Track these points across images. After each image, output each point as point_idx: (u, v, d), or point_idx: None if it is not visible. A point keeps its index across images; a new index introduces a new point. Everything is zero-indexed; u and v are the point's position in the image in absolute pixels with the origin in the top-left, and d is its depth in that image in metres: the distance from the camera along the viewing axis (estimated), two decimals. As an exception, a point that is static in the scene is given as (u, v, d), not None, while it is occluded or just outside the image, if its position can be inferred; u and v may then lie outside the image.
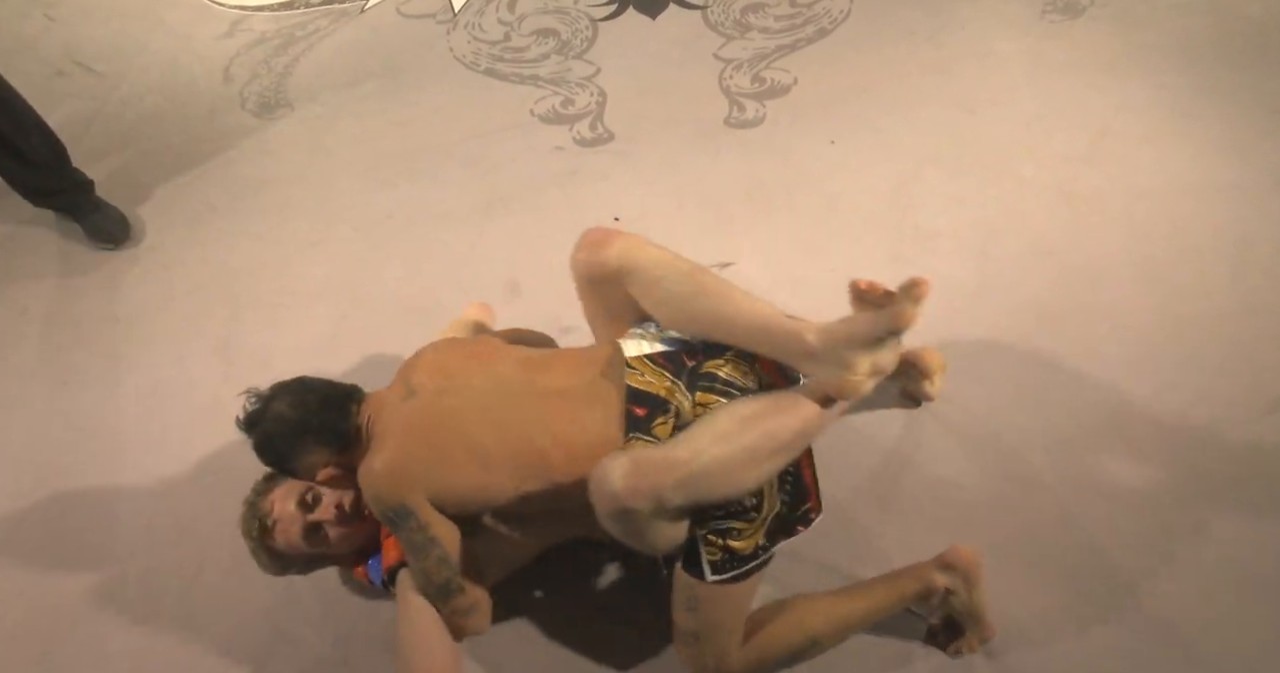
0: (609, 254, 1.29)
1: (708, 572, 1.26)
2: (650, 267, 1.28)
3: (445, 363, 1.38)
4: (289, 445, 1.34)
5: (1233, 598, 1.42)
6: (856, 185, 2.07)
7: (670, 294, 1.27)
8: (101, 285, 2.14)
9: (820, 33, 2.42)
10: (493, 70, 2.50)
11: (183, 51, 2.69)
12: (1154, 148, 2.03)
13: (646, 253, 1.29)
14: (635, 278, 1.28)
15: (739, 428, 1.15)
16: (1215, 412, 1.62)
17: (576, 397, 1.31)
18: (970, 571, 1.37)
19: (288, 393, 1.36)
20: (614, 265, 1.29)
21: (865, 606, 1.38)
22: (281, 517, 1.38)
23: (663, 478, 1.10)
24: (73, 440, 1.87)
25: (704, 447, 1.13)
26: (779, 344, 1.22)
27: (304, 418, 1.33)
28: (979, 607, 1.38)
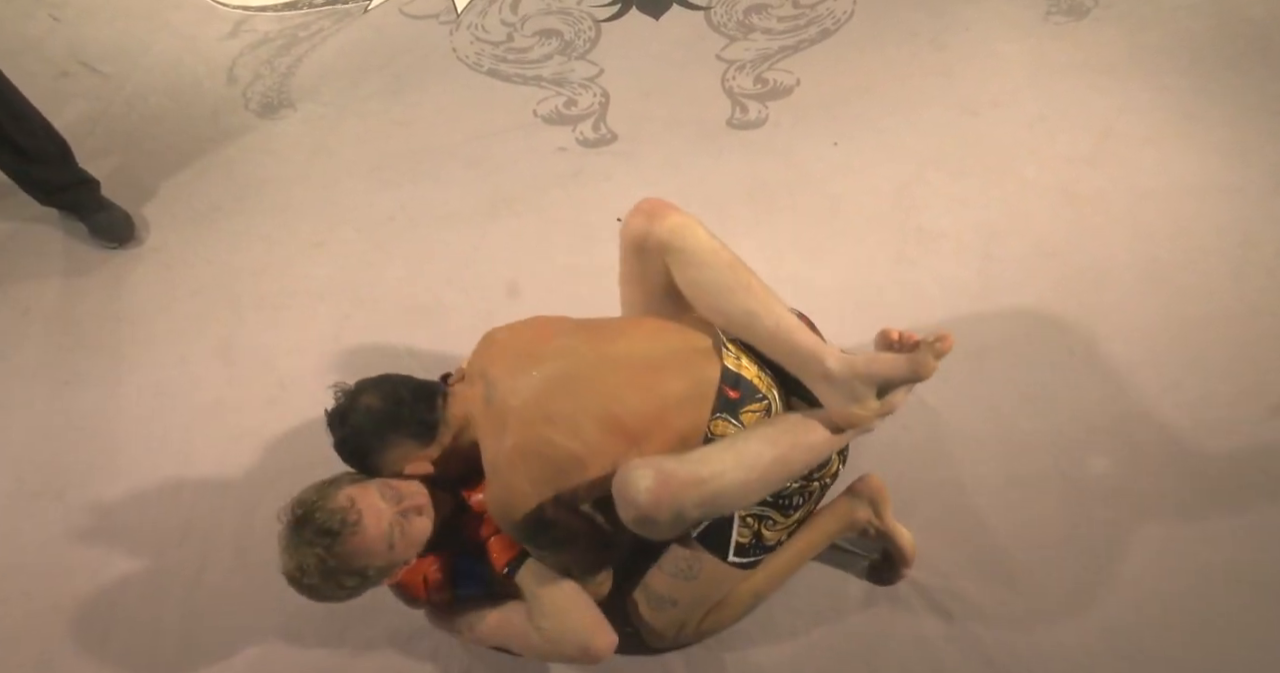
0: (663, 227, 1.29)
1: (731, 552, 1.30)
2: (698, 250, 1.28)
3: (514, 348, 1.35)
4: (380, 438, 1.31)
5: (1236, 600, 1.42)
6: (859, 187, 2.07)
7: (710, 282, 1.27)
8: (104, 285, 2.14)
9: (823, 34, 2.42)
10: (496, 71, 2.50)
11: (187, 52, 2.69)
12: (1157, 149, 2.03)
13: (697, 235, 1.29)
14: (680, 257, 1.29)
15: (759, 453, 1.19)
16: (1219, 414, 1.62)
17: (658, 365, 1.29)
18: (876, 495, 1.45)
19: (376, 387, 1.34)
20: (664, 239, 1.29)
21: (795, 551, 1.44)
22: (367, 509, 1.25)
23: (686, 494, 1.13)
24: (75, 440, 1.87)
25: (726, 468, 1.16)
26: (799, 361, 1.24)
27: (395, 410, 1.30)
28: (891, 531, 1.45)
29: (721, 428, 1.28)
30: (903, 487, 1.59)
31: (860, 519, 1.46)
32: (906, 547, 1.46)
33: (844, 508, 1.47)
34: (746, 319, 1.26)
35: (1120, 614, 1.43)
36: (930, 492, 1.59)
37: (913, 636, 1.44)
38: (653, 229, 1.29)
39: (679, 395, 1.27)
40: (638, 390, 1.26)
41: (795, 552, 1.44)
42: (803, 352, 1.23)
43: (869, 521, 1.46)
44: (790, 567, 1.45)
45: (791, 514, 1.35)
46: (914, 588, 1.49)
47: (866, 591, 1.50)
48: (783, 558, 1.43)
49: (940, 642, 1.43)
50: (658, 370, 1.28)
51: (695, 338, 1.33)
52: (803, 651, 1.45)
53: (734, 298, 1.26)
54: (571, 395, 1.26)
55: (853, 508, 1.46)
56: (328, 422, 1.35)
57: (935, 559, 1.51)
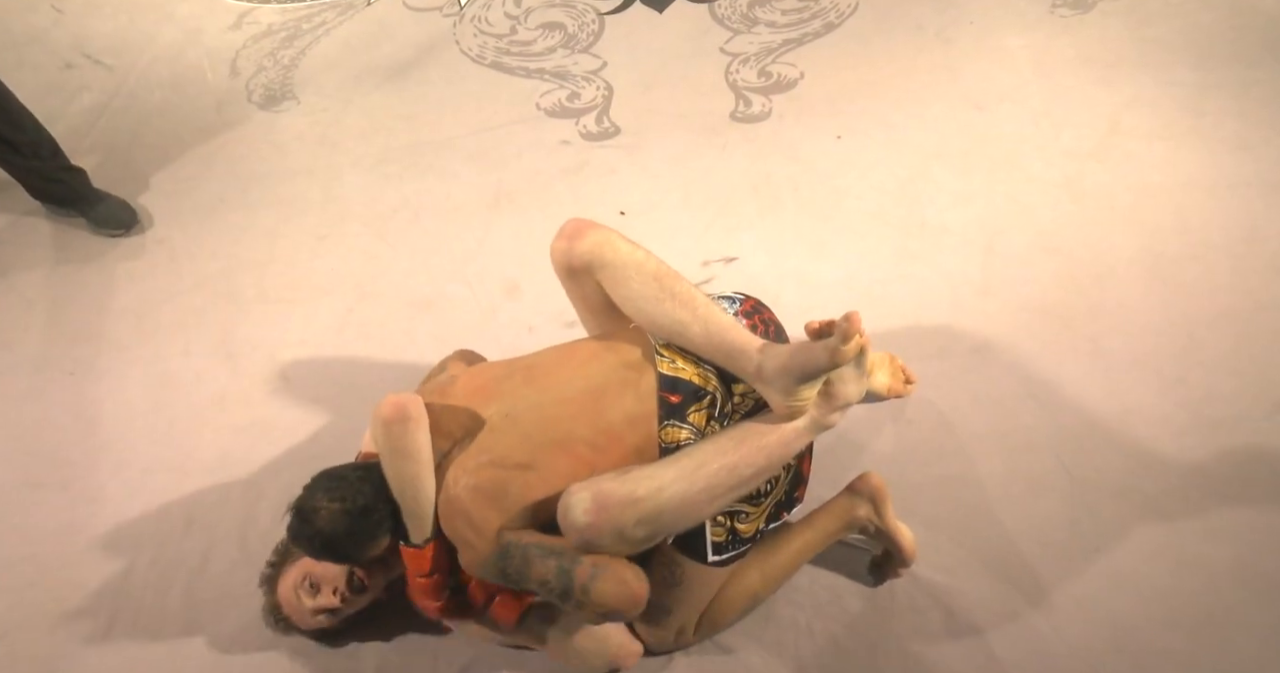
0: (581, 247, 1.30)
1: (709, 553, 1.30)
2: (619, 264, 1.29)
3: (451, 412, 1.32)
4: (361, 542, 1.28)
5: (1241, 597, 1.42)
6: (863, 181, 2.06)
7: (636, 294, 1.28)
8: (108, 277, 2.14)
9: (827, 27, 2.41)
10: (499, 64, 2.50)
11: (190, 44, 2.69)
12: (1163, 144, 2.02)
13: (617, 250, 1.29)
14: (606, 273, 1.30)
15: (701, 464, 1.20)
16: (1223, 410, 1.61)
17: (601, 389, 1.29)
18: (876, 494, 1.43)
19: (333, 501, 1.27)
20: (585, 258, 1.30)
21: (794, 550, 1.44)
22: (290, 608, 1.42)
23: (624, 514, 1.15)
24: (79, 432, 1.88)
25: (666, 483, 1.17)
26: (732, 359, 1.25)
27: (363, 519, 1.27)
28: (891, 530, 1.43)
29: (672, 435, 1.27)
30: (904, 483, 1.58)
31: (860, 518, 1.45)
32: (907, 546, 1.44)
33: (843, 506, 1.46)
34: (677, 328, 1.26)
35: (1124, 611, 1.43)
36: (932, 488, 1.59)
37: (915, 631, 1.44)
38: (573, 249, 1.30)
39: (624, 414, 1.27)
40: (584, 421, 1.27)
41: (793, 552, 1.44)
42: (733, 352, 1.23)
43: (869, 519, 1.44)
44: (789, 568, 1.45)
45: (762, 503, 1.34)
46: (916, 584, 1.49)
47: (868, 586, 1.50)
48: (780, 559, 1.43)
49: (942, 638, 1.43)
50: (598, 396, 1.28)
51: (627, 352, 1.33)
52: (805, 645, 1.45)
53: (661, 308, 1.26)
54: (519, 435, 1.27)
55: (852, 506, 1.45)
56: (295, 535, 1.30)
57: (937, 555, 1.51)
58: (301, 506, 1.28)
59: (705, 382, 1.29)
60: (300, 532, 1.28)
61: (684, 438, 1.27)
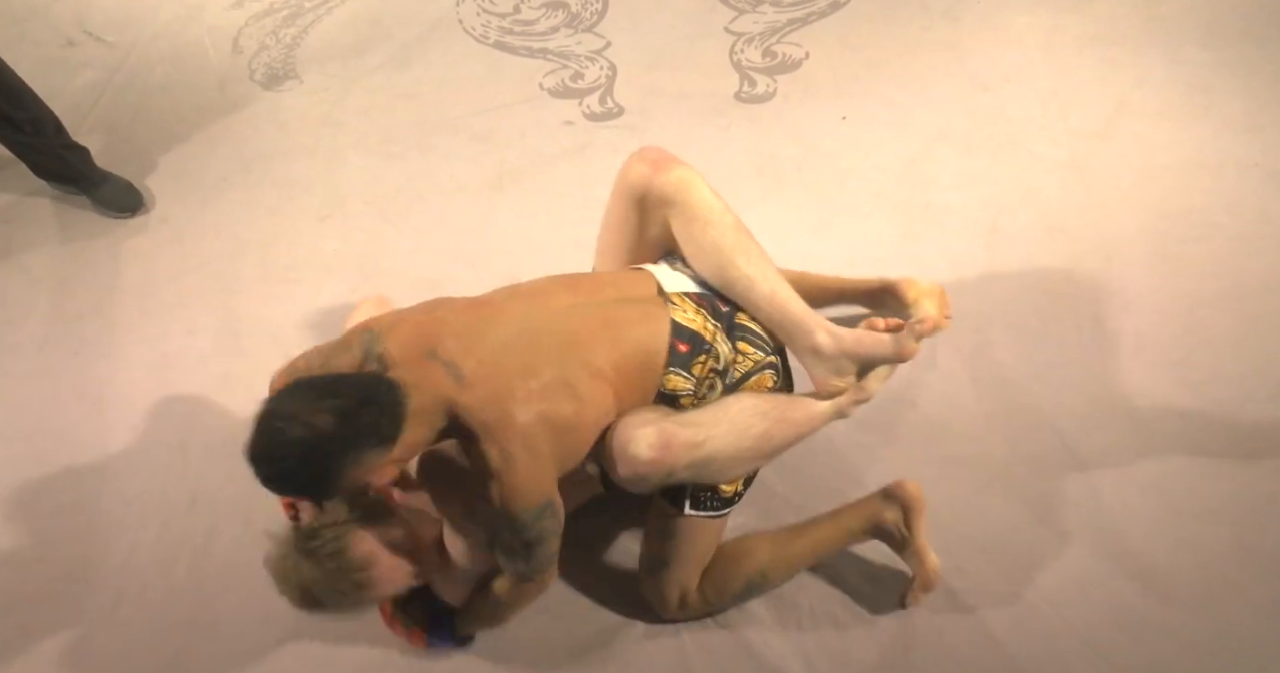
0: (667, 179, 1.26)
1: (687, 504, 1.31)
2: (701, 207, 1.26)
3: (450, 324, 1.21)
4: (338, 459, 1.05)
5: (1242, 576, 1.43)
6: (868, 162, 2.05)
7: (713, 243, 1.26)
8: (112, 256, 2.14)
9: (833, 6, 2.38)
10: (502, 43, 2.48)
11: (193, 21, 2.67)
12: (1171, 123, 2.00)
13: (702, 192, 1.27)
14: (684, 212, 1.26)
15: (750, 423, 1.21)
16: (1227, 391, 1.61)
17: (616, 320, 1.24)
18: (911, 503, 1.38)
19: (313, 400, 1.04)
20: (667, 192, 1.26)
21: (813, 539, 1.42)
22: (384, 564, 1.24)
23: (681, 456, 1.17)
24: (85, 411, 1.88)
25: (719, 434, 1.19)
26: (790, 331, 1.26)
27: (348, 424, 1.04)
28: (918, 545, 1.39)
29: (674, 382, 1.26)
30: (907, 463, 1.59)
31: (886, 521, 1.39)
32: (930, 568, 1.38)
33: (872, 507, 1.40)
34: (746, 284, 1.26)
35: (1124, 589, 1.44)
36: (935, 467, 1.59)
37: (915, 610, 1.45)
38: (655, 180, 1.26)
39: (637, 349, 1.23)
40: (604, 341, 1.21)
41: (811, 542, 1.41)
42: (795, 322, 1.25)
43: (895, 524, 1.39)
44: (804, 557, 1.42)
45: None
46: (916, 561, 1.50)
47: (872, 567, 1.50)
48: (796, 545, 1.41)
49: (943, 616, 1.44)
50: (614, 326, 1.23)
51: (639, 290, 1.30)
52: (805, 623, 1.46)
53: (735, 261, 1.26)
54: (549, 353, 1.17)
55: (881, 509, 1.39)
56: (257, 459, 1.07)
57: (939, 535, 1.51)
58: (274, 409, 1.04)
59: (712, 336, 1.28)
60: (267, 442, 1.03)
61: (683, 387, 1.27)
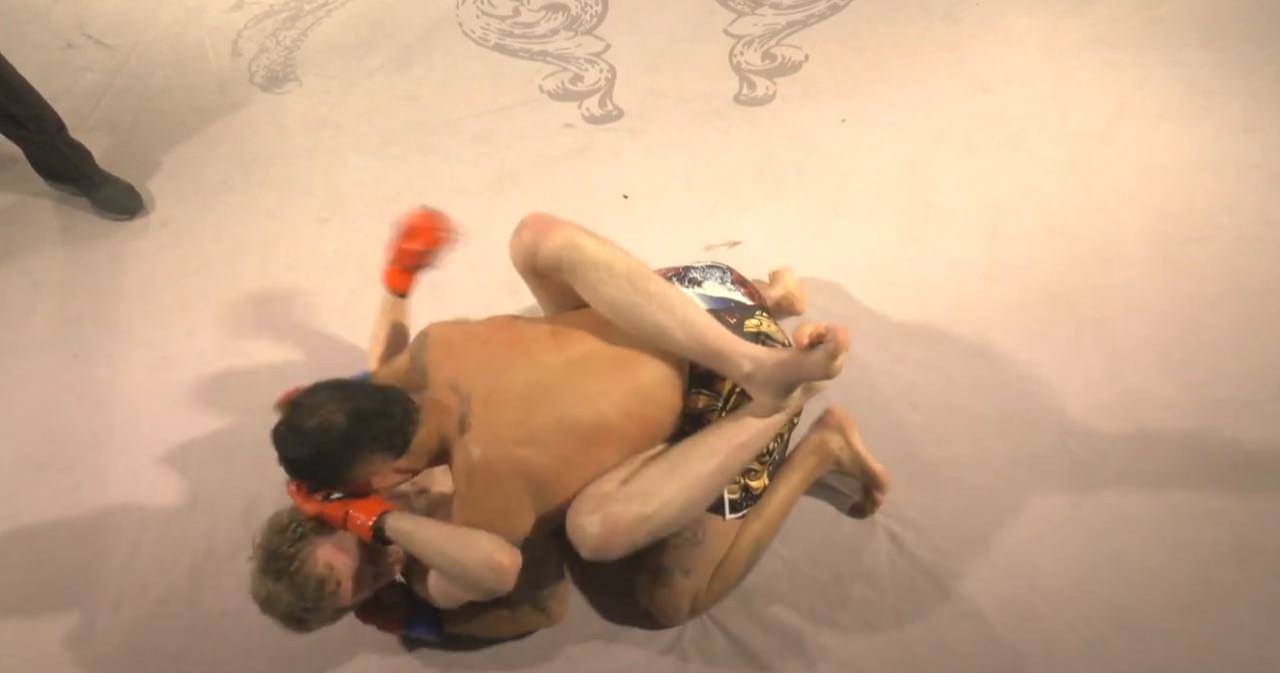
0: (547, 248, 1.27)
1: (727, 510, 1.37)
2: (588, 265, 1.26)
3: (480, 358, 1.31)
4: (350, 456, 1.19)
5: (1241, 578, 1.42)
6: (868, 164, 2.05)
7: (609, 298, 1.27)
8: (112, 259, 2.14)
9: (832, 8, 2.38)
10: (502, 46, 2.48)
11: (192, 24, 2.67)
12: (1171, 125, 2.00)
13: (584, 250, 1.26)
14: (575, 275, 1.28)
15: (698, 471, 1.26)
16: (1228, 393, 1.61)
17: (626, 359, 1.30)
18: (843, 423, 1.51)
19: (337, 401, 1.20)
20: (552, 260, 1.28)
21: (784, 494, 1.48)
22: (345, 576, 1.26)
23: (635, 532, 1.22)
24: (83, 412, 1.88)
25: (669, 496, 1.24)
26: (718, 362, 1.28)
27: (364, 426, 1.19)
28: (862, 457, 1.50)
29: (700, 401, 1.36)
30: (908, 465, 1.59)
31: (833, 448, 1.50)
32: (879, 472, 1.50)
33: (816, 441, 1.52)
34: (657, 332, 1.27)
35: (1124, 591, 1.43)
36: (936, 470, 1.59)
37: (915, 612, 1.45)
38: (539, 250, 1.28)
39: (653, 382, 1.30)
40: (616, 391, 1.28)
41: (784, 495, 1.49)
42: (718, 355, 1.27)
43: (841, 448, 1.50)
44: (782, 510, 1.49)
45: (769, 460, 1.42)
46: (916, 565, 1.50)
47: (866, 566, 1.50)
48: (774, 503, 1.48)
49: (943, 618, 1.44)
50: (627, 365, 1.30)
51: None
52: (805, 628, 1.46)
53: (640, 312, 1.26)
54: (549, 409, 1.26)
55: (824, 439, 1.51)
56: (279, 440, 1.21)
57: (939, 537, 1.52)
58: (300, 401, 1.20)
59: None
60: (295, 427, 1.17)
61: (704, 404, 1.35)
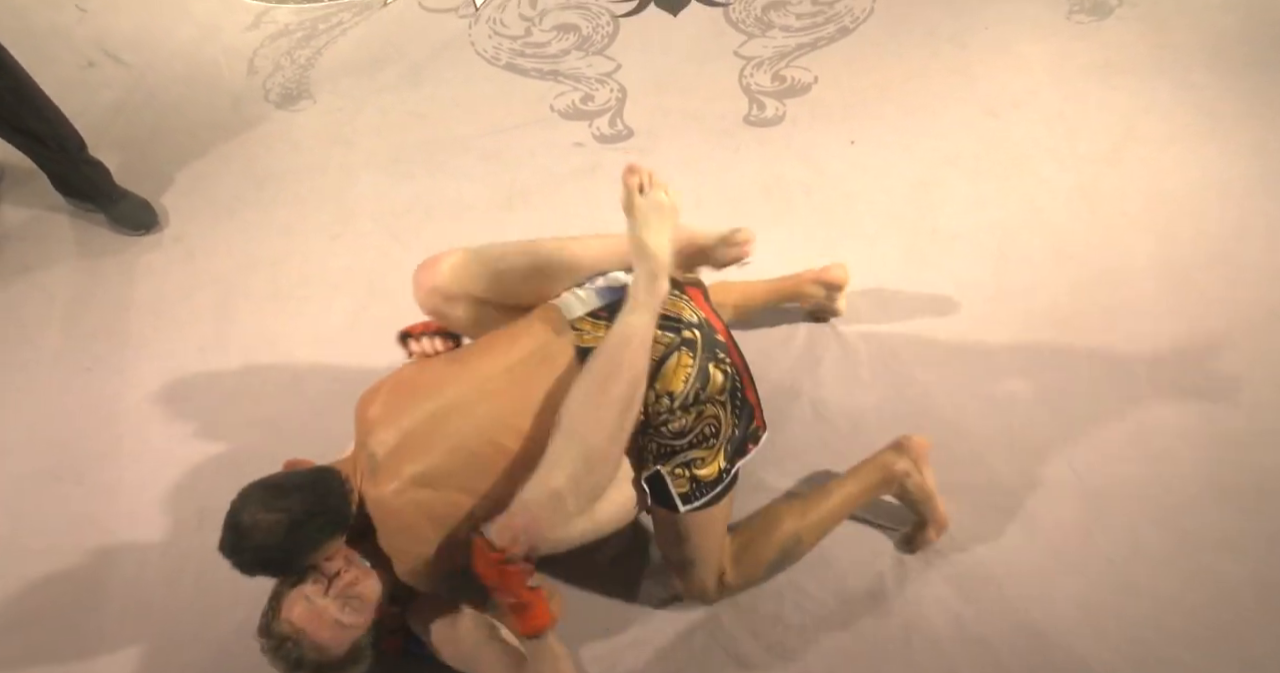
0: (440, 276, 1.35)
1: (680, 504, 1.33)
2: (489, 262, 1.36)
3: (385, 410, 1.34)
4: (297, 551, 1.24)
5: (1254, 611, 1.41)
6: (875, 186, 2.06)
7: (520, 269, 1.35)
8: (126, 273, 2.17)
9: (842, 32, 2.40)
10: (513, 65, 2.51)
11: (208, 42, 2.72)
12: (1180, 149, 2.00)
13: (473, 254, 1.37)
14: (480, 279, 1.35)
15: (581, 422, 1.20)
16: (1240, 421, 1.60)
17: (519, 376, 1.31)
18: (918, 451, 1.51)
19: (264, 505, 1.23)
20: (450, 283, 1.35)
21: (837, 499, 1.49)
22: (309, 622, 1.25)
23: (557, 511, 1.17)
24: (95, 426, 1.90)
25: (567, 460, 1.18)
26: (626, 261, 1.34)
27: (300, 521, 1.22)
28: (930, 489, 1.49)
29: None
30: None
31: (898, 472, 1.49)
32: (942, 513, 1.49)
33: (884, 460, 1.51)
34: (573, 269, 1.37)
35: (1135, 621, 1.42)
36: (943, 494, 1.58)
37: (923, 638, 1.44)
38: (436, 279, 1.36)
39: (546, 397, 1.29)
40: (512, 408, 1.28)
41: (836, 503, 1.49)
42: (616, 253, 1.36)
43: (907, 473, 1.49)
44: (832, 517, 1.49)
45: (714, 444, 1.34)
46: (924, 589, 1.49)
47: (873, 589, 1.50)
48: (821, 509, 1.48)
49: (951, 645, 1.43)
50: (520, 381, 1.30)
51: (543, 332, 1.35)
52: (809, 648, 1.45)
53: (552, 264, 1.36)
54: (442, 447, 1.27)
55: (893, 461, 1.50)
56: (229, 549, 1.24)
57: (946, 562, 1.51)
58: (236, 520, 1.23)
59: None
60: (237, 545, 1.22)
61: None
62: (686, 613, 1.51)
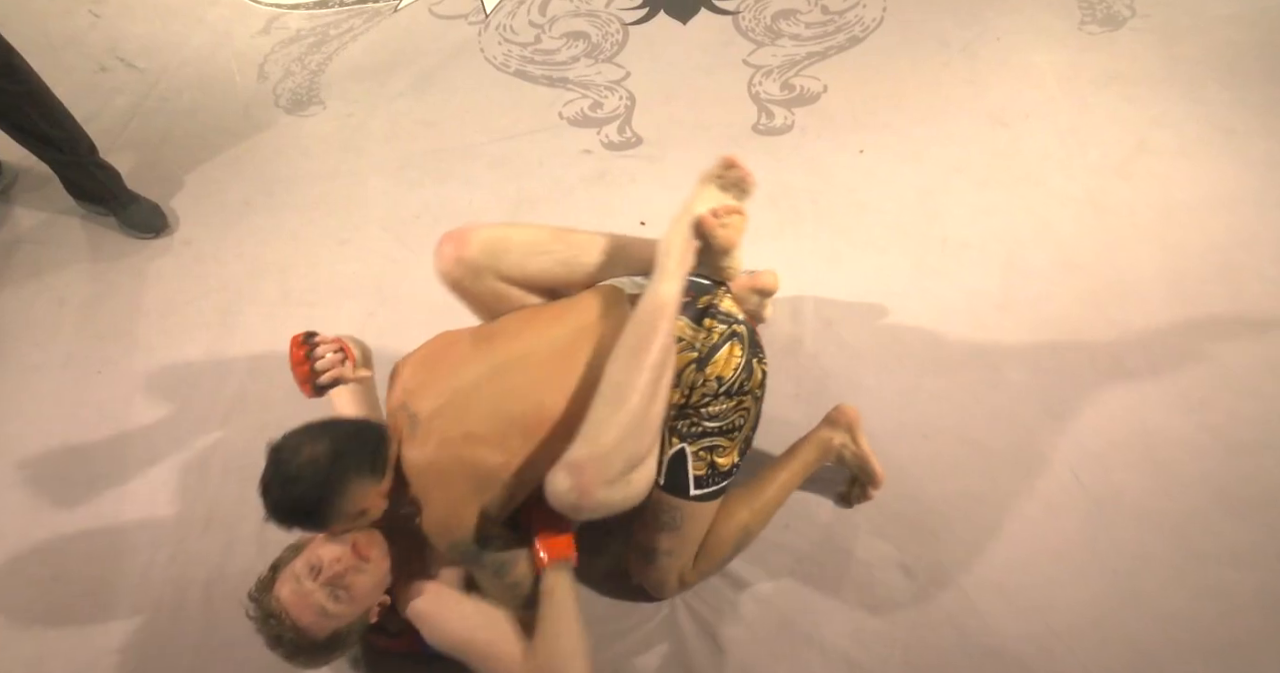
0: (472, 249, 1.38)
1: (692, 486, 1.36)
2: (519, 243, 1.40)
3: (424, 373, 1.37)
4: (336, 483, 1.24)
5: (1262, 624, 1.40)
6: (884, 195, 2.06)
7: (554, 259, 1.40)
8: (136, 277, 2.18)
9: (852, 41, 2.41)
10: (523, 72, 2.52)
11: (220, 48, 2.74)
12: (1191, 162, 2.00)
13: (509, 232, 1.41)
14: (508, 259, 1.39)
15: (627, 384, 1.22)
16: (1246, 434, 1.59)
17: (565, 350, 1.33)
18: (851, 422, 1.55)
19: (313, 436, 1.27)
20: (480, 257, 1.38)
21: (779, 483, 1.52)
22: (294, 605, 1.27)
23: (608, 469, 1.19)
24: (105, 429, 1.91)
25: (616, 420, 1.21)
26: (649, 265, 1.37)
27: (343, 449, 1.25)
28: (865, 455, 1.53)
29: None
30: (920, 498, 1.58)
31: (836, 446, 1.54)
32: (878, 471, 1.53)
33: (821, 436, 1.55)
34: (602, 268, 1.42)
35: (1141, 634, 1.41)
36: (947, 503, 1.58)
37: (927, 648, 1.44)
38: (464, 253, 1.39)
39: (591, 363, 1.31)
40: (552, 377, 1.31)
41: (779, 485, 1.51)
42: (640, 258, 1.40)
43: (844, 445, 1.54)
44: (776, 500, 1.52)
45: (736, 436, 1.39)
46: (928, 600, 1.49)
47: (878, 599, 1.49)
48: (767, 492, 1.50)
49: (956, 657, 1.43)
50: (568, 350, 1.33)
51: (595, 307, 1.39)
52: (816, 663, 1.45)
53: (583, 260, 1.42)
54: (488, 406, 1.29)
55: (829, 436, 1.54)
56: (267, 489, 1.25)
57: (951, 572, 1.51)
58: (280, 451, 1.26)
59: (679, 329, 1.34)
60: (278, 477, 1.23)
61: None
62: (694, 611, 1.51)
